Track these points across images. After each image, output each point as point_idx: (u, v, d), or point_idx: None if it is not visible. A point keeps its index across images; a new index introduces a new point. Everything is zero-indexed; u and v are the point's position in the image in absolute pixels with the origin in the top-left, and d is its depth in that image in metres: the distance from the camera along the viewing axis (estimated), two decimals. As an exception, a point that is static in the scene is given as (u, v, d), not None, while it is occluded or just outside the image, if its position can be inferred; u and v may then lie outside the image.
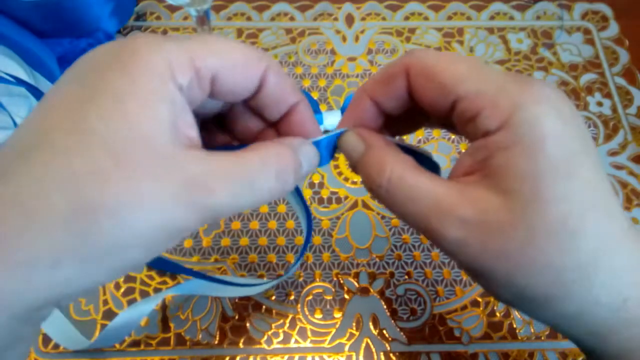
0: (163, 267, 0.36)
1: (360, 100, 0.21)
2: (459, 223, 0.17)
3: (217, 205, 0.16)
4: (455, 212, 0.17)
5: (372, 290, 0.36)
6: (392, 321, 0.35)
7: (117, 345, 0.34)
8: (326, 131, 0.23)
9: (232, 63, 0.17)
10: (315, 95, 0.45)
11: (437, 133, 0.43)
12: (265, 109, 0.20)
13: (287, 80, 0.20)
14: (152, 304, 0.34)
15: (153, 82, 0.15)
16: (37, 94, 0.40)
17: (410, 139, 0.42)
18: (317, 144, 0.21)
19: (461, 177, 0.18)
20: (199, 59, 0.17)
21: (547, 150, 0.16)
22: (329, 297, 0.36)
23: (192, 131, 0.17)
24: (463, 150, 0.42)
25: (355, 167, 0.21)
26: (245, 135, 0.22)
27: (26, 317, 0.15)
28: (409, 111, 0.21)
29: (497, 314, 0.36)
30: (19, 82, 0.39)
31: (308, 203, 0.40)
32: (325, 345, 0.35)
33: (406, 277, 0.37)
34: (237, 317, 0.35)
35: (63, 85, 0.16)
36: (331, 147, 0.22)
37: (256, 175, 0.17)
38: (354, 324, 0.35)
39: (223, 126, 0.22)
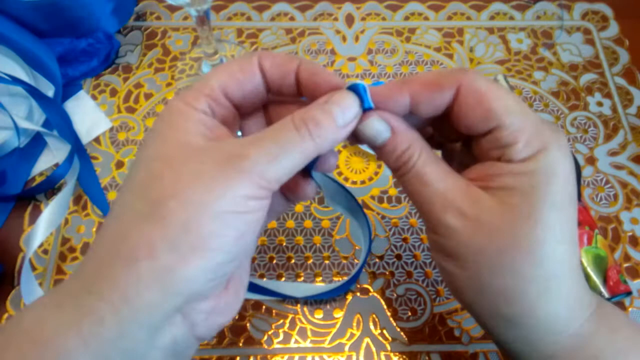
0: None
1: (400, 90, 0.21)
2: (458, 213, 0.20)
3: (256, 166, 0.18)
4: (457, 204, 0.20)
5: (372, 290, 0.36)
6: (392, 321, 0.35)
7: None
8: None
9: (229, 74, 0.21)
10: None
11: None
12: (281, 89, 0.22)
13: (279, 56, 0.22)
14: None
15: (178, 116, 0.20)
16: (37, 94, 0.40)
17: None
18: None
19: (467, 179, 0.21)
20: (205, 88, 0.21)
21: (553, 186, 0.19)
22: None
23: (225, 132, 0.21)
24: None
25: (378, 151, 0.22)
26: None
27: (148, 326, 0.18)
28: (433, 123, 0.23)
29: (497, 314, 0.36)
30: (19, 82, 0.39)
31: (307, 203, 0.40)
32: (325, 345, 0.34)
33: (406, 277, 0.37)
34: (237, 317, 0.35)
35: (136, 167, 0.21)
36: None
37: (281, 131, 0.19)
38: (354, 324, 0.35)
39: None
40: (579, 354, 0.20)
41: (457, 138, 0.24)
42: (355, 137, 0.22)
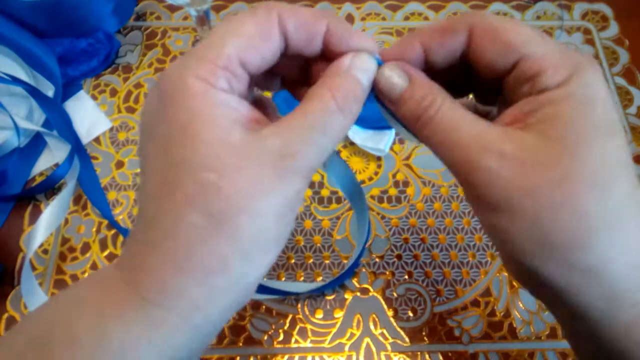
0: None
1: (411, 42, 0.20)
2: (497, 155, 0.18)
3: (306, 161, 0.18)
4: (496, 145, 0.18)
5: (372, 290, 0.36)
6: (392, 321, 0.35)
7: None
8: None
9: (246, 40, 0.18)
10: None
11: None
12: (302, 52, 0.20)
13: (303, 13, 0.19)
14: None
15: (200, 100, 0.17)
16: (37, 94, 0.40)
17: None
18: None
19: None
20: (220, 59, 0.18)
21: (596, 109, 0.17)
22: (329, 297, 0.36)
23: (254, 112, 0.19)
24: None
25: (396, 102, 0.20)
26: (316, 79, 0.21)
27: (217, 323, 0.18)
28: (449, 73, 0.21)
29: (497, 314, 0.36)
30: (19, 82, 0.39)
31: (307, 203, 0.40)
32: (325, 345, 0.34)
33: (406, 277, 0.37)
34: (237, 317, 0.35)
35: (147, 153, 0.19)
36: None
37: (322, 118, 0.18)
38: (354, 324, 0.35)
39: (305, 79, 0.22)
40: None
41: (484, 91, 0.22)
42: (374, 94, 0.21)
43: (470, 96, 0.24)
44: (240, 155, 0.17)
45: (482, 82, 0.20)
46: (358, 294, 0.36)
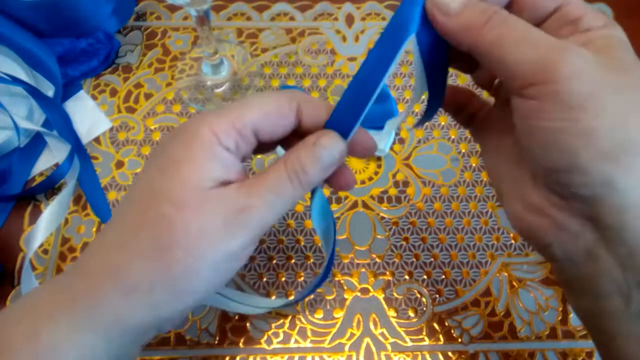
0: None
1: None
2: (580, 54, 0.17)
3: (259, 218, 0.20)
4: (575, 47, 0.17)
5: (372, 290, 0.36)
6: (392, 321, 0.35)
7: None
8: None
9: (266, 114, 0.21)
10: (315, 95, 0.45)
11: (437, 133, 0.43)
12: (309, 132, 0.23)
13: (319, 106, 0.23)
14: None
15: (201, 147, 0.20)
16: (36, 94, 0.40)
17: (410, 139, 0.42)
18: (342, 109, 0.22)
19: None
20: (238, 122, 0.21)
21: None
22: (329, 297, 0.36)
23: (242, 175, 0.22)
24: (463, 151, 0.42)
25: (454, 15, 0.19)
26: None
27: (134, 336, 0.20)
28: None
29: (497, 314, 0.36)
30: (19, 82, 0.39)
31: (307, 203, 0.40)
32: (325, 345, 0.35)
33: (406, 277, 0.37)
34: (237, 317, 0.35)
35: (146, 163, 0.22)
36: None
37: (276, 183, 0.21)
38: (354, 324, 0.35)
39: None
40: None
41: None
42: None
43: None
44: (202, 201, 0.20)
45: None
46: (358, 294, 0.36)
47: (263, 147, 0.24)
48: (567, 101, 0.17)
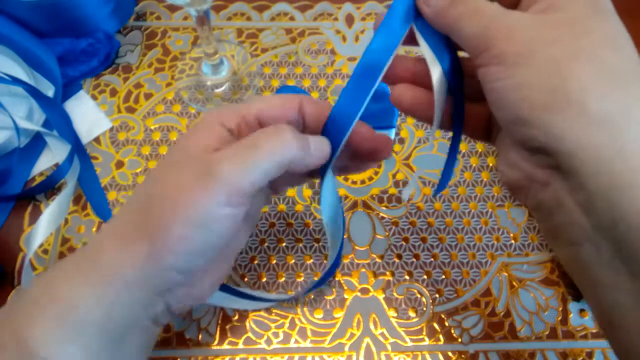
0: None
1: None
2: (519, 14, 0.20)
3: (228, 171, 0.21)
4: (510, 13, 0.20)
5: (372, 290, 0.36)
6: (392, 321, 0.35)
7: (117, 345, 0.34)
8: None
9: (269, 104, 0.25)
10: (315, 95, 0.45)
11: (438, 133, 0.43)
12: (312, 130, 0.26)
13: (321, 105, 0.25)
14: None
15: (202, 124, 0.24)
16: (36, 94, 0.40)
17: (410, 139, 0.42)
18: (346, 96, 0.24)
19: None
20: (243, 109, 0.24)
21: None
22: (329, 297, 0.36)
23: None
24: (463, 151, 0.42)
25: (429, 8, 0.22)
26: None
27: (139, 294, 0.22)
28: None
29: (497, 314, 0.36)
30: (19, 82, 0.39)
31: (308, 203, 0.40)
32: (325, 345, 0.34)
33: (406, 277, 0.37)
34: (237, 317, 0.35)
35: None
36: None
37: (255, 140, 0.22)
38: (354, 324, 0.35)
39: None
40: None
41: None
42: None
43: None
44: (185, 162, 0.22)
45: None
46: (358, 294, 0.36)
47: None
48: (503, 61, 0.19)
